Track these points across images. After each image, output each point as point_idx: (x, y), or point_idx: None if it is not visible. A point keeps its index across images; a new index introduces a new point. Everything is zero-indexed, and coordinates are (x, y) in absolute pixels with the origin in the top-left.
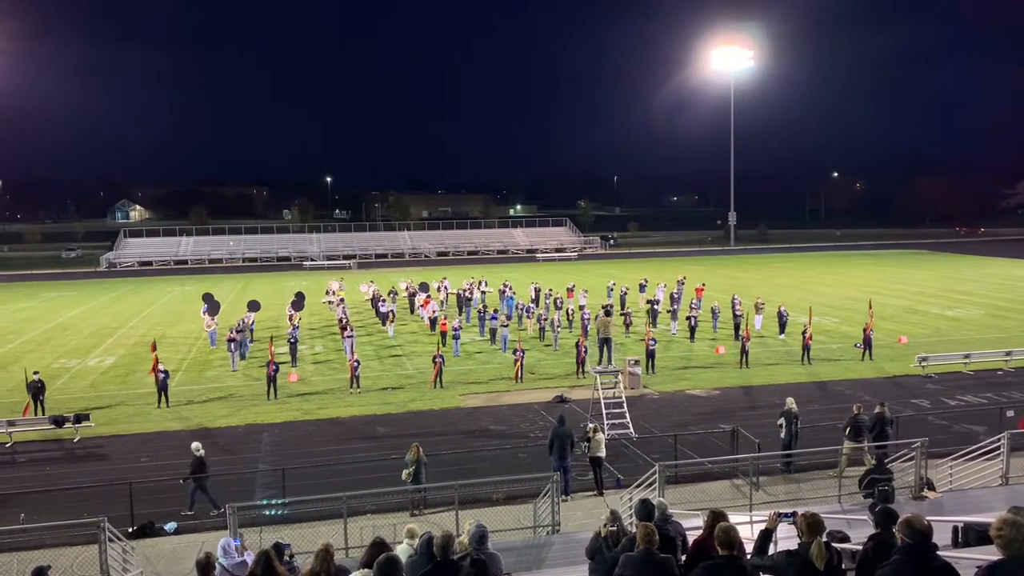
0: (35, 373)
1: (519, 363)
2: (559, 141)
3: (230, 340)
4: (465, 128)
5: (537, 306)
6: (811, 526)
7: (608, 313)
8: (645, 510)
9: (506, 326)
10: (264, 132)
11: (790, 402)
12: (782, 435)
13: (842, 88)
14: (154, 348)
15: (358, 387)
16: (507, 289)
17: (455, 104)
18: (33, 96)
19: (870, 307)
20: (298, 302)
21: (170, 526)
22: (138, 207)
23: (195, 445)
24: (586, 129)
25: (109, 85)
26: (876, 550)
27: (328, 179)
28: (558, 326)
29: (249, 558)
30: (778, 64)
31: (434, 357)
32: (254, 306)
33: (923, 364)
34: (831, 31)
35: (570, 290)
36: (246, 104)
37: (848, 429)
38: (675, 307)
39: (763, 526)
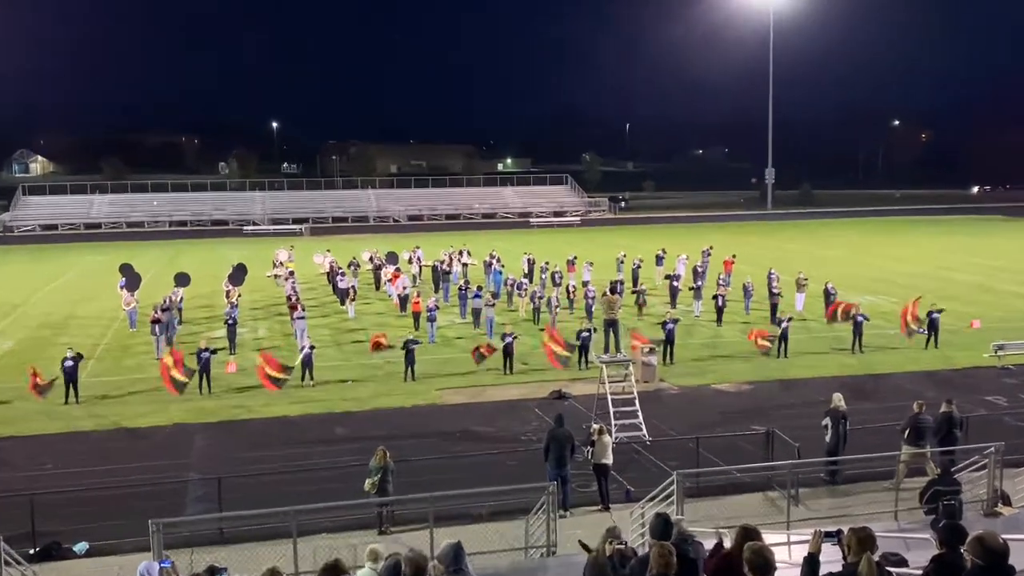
0: None
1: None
2: (559, 81)
3: (154, 321)
4: (445, 65)
5: (531, 282)
6: (861, 541)
7: (615, 291)
8: (661, 527)
9: (492, 305)
10: (195, 67)
11: (837, 399)
12: (827, 438)
13: (905, 18)
14: (34, 375)
15: (311, 379)
16: (494, 261)
17: (433, 36)
18: None
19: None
20: (237, 276)
21: (80, 547)
22: (40, 159)
23: None
24: (592, 67)
25: (3, 16)
26: (941, 573)
27: (275, 125)
28: (556, 306)
29: None
30: None
31: (406, 345)
32: (183, 280)
33: (999, 353)
34: None
35: (571, 263)
36: (172, 33)
37: (907, 431)
38: (699, 284)
39: (803, 548)
